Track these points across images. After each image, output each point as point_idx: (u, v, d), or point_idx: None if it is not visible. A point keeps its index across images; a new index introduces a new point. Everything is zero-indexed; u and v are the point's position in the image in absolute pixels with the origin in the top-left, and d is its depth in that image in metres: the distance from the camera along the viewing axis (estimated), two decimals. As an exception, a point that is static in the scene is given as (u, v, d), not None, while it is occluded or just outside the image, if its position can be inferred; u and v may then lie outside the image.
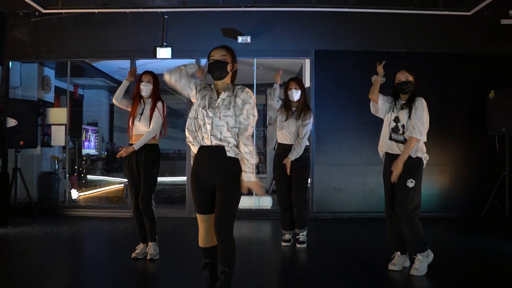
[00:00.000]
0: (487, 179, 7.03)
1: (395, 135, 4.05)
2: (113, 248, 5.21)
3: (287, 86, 5.08)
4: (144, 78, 4.49)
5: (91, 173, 10.20)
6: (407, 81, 4.03)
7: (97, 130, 10.92)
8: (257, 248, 5.21)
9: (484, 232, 5.87)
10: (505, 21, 7.17)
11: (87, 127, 10.36)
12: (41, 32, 7.26)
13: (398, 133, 4.03)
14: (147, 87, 4.46)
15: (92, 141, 10.47)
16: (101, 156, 10.94)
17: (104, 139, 11.63)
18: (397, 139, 4.04)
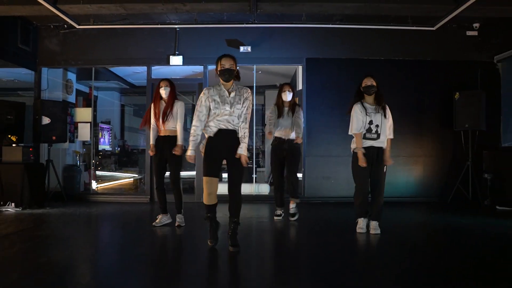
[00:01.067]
0: (454, 168, 8.15)
1: (369, 135, 5.16)
2: (137, 222, 6.31)
3: (281, 89, 6.23)
4: (162, 84, 5.58)
5: (106, 167, 11.25)
6: (372, 85, 5.17)
7: (111, 128, 11.98)
8: (257, 224, 6.27)
9: (451, 213, 6.86)
10: (470, 33, 8.29)
11: (102, 125, 11.42)
12: (69, 42, 8.35)
13: (372, 132, 5.15)
14: (166, 90, 5.55)
15: (106, 138, 11.53)
16: (115, 151, 12.00)
17: (116, 136, 12.69)
18: (371, 138, 5.16)
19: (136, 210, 7.18)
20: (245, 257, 4.21)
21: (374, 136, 5.14)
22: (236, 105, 4.26)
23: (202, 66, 8.33)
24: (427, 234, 5.54)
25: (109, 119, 12.35)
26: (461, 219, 6.36)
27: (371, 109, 5.18)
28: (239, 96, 4.30)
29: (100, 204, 7.86)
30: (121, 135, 13.10)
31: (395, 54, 8.28)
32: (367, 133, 5.15)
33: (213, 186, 4.26)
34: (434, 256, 4.30)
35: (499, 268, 3.87)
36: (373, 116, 5.13)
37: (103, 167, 11.04)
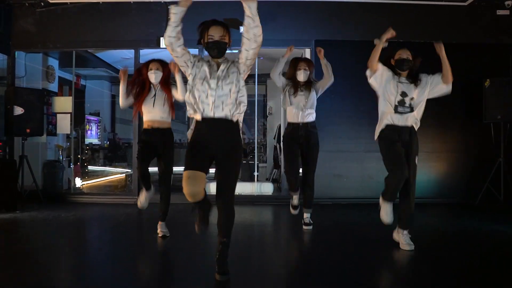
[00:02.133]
0: (482, 165, 7.21)
1: (402, 108, 4.19)
2: (119, 230, 5.40)
3: (296, 65, 5.16)
4: (152, 66, 4.59)
5: (94, 163, 10.36)
6: (408, 60, 4.24)
7: (100, 120, 11.06)
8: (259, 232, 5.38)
9: (480, 217, 6.04)
10: (501, 12, 7.34)
11: (89, 117, 10.51)
12: (46, 22, 7.39)
13: (405, 105, 4.18)
14: (157, 74, 4.56)
15: (94, 131, 10.62)
16: (104, 145, 11.10)
17: (106, 129, 11.78)
18: (404, 112, 4.18)
19: (120, 214, 6.27)
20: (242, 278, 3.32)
21: (408, 110, 4.18)
22: (225, 81, 3.15)
23: (197, 49, 7.36)
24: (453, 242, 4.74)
25: (98, 111, 11.42)
26: (491, 224, 5.53)
27: (404, 80, 4.26)
28: (229, 68, 3.22)
29: (81, 206, 6.94)
30: (111, 127, 12.16)
31: (416, 36, 7.28)
32: (399, 107, 4.18)
33: (196, 182, 3.03)
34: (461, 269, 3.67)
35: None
36: (406, 87, 4.21)
37: (90, 163, 10.13)
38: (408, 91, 4.21)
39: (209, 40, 3.21)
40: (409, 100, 4.19)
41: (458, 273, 3.56)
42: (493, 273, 3.60)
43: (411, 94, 4.21)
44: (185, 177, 3.04)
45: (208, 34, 3.22)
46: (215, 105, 3.12)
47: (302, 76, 5.11)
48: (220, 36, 3.21)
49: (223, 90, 3.13)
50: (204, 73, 3.17)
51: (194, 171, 3.05)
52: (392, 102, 4.20)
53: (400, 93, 4.19)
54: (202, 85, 3.14)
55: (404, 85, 4.22)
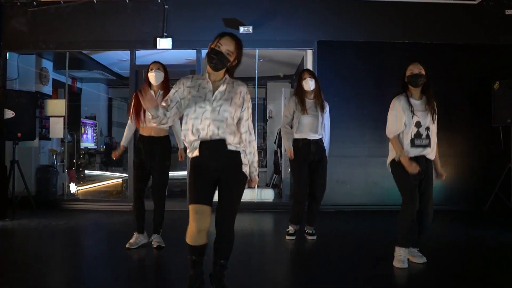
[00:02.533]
0: (491, 171, 6.99)
1: (419, 141, 3.83)
2: (113, 240, 5.14)
3: (301, 77, 4.95)
4: (153, 66, 4.38)
5: (90, 167, 10.12)
6: (421, 74, 3.87)
7: (96, 124, 10.82)
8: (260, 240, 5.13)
9: (489, 225, 5.83)
10: (510, 12, 7.14)
11: (85, 120, 10.27)
12: (39, 22, 7.18)
13: (421, 138, 3.83)
14: (157, 74, 4.32)
15: (90, 135, 10.38)
16: (100, 150, 10.86)
17: (103, 133, 11.55)
18: (421, 144, 3.84)
19: (115, 223, 6.04)
20: None
21: (426, 142, 3.83)
22: (224, 105, 2.86)
23: (195, 50, 7.15)
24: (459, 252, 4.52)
25: (94, 114, 11.19)
26: (500, 233, 5.30)
27: (419, 107, 3.88)
28: (231, 92, 2.92)
29: (74, 213, 6.69)
30: (108, 131, 11.92)
31: (421, 36, 7.15)
32: (415, 139, 3.83)
33: (204, 218, 2.83)
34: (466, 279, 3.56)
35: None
36: (421, 116, 3.84)
37: (86, 167, 9.88)
38: (423, 119, 3.85)
39: (215, 47, 2.88)
40: (425, 131, 3.84)
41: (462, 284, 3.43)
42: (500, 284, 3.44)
43: (426, 123, 3.85)
44: (192, 211, 2.84)
45: (218, 42, 2.89)
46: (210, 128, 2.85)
47: (308, 83, 4.87)
48: (227, 49, 2.87)
49: (219, 114, 2.86)
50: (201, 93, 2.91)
51: (200, 205, 2.83)
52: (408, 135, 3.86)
53: (415, 123, 3.84)
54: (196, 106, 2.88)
55: (419, 113, 3.85)
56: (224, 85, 2.91)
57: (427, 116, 3.85)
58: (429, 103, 3.91)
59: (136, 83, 7.14)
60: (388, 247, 4.07)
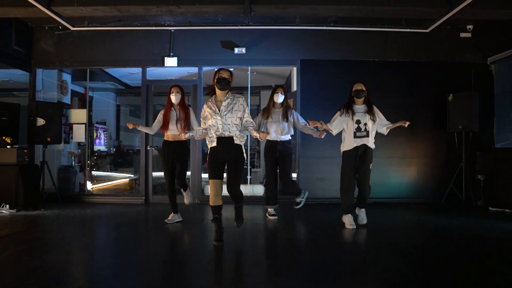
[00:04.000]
0: (447, 169, 8.18)
1: (360, 133, 5.61)
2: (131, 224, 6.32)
3: (274, 91, 6.38)
4: (173, 89, 5.95)
5: (102, 168, 11.27)
6: (362, 90, 5.64)
7: (106, 129, 11.98)
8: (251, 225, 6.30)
9: (445, 214, 6.93)
10: (464, 35, 8.32)
11: (97, 125, 11.42)
12: (64, 44, 8.36)
13: (361, 131, 5.62)
14: (177, 96, 5.92)
15: (102, 138, 11.54)
16: (110, 152, 12.01)
17: (112, 137, 12.70)
18: (362, 135, 5.62)
19: (131, 212, 7.19)
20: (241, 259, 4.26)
21: (364, 133, 5.59)
22: (229, 114, 4.62)
23: (197, 67, 8.33)
24: (419, 236, 5.58)
25: (104, 120, 12.35)
26: (453, 220, 6.39)
27: (360, 110, 5.66)
28: (232, 104, 4.66)
29: (94, 205, 7.87)
30: (116, 135, 13.09)
31: (389, 55, 8.32)
32: (357, 132, 5.60)
33: (218, 187, 4.66)
34: (424, 258, 4.37)
35: (488, 271, 3.91)
36: (360, 116, 5.60)
37: (99, 168, 11.05)
38: (362, 118, 5.60)
39: (220, 76, 4.64)
40: (364, 126, 5.60)
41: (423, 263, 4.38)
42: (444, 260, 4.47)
43: (364, 121, 5.59)
44: (211, 184, 4.66)
45: (219, 73, 4.67)
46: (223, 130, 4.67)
47: (278, 97, 6.34)
48: (227, 75, 4.67)
49: (226, 121, 4.63)
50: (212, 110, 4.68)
51: (216, 179, 4.66)
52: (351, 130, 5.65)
53: (355, 121, 5.60)
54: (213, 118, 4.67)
55: (360, 114, 5.63)
56: (227, 100, 4.67)
57: (365, 116, 5.60)
58: (369, 109, 5.66)
59: (147, 94, 8.33)
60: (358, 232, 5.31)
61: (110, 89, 12.19)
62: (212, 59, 8.26)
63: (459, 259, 4.31)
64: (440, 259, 4.29)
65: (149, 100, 8.37)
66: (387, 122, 5.75)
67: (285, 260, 4.35)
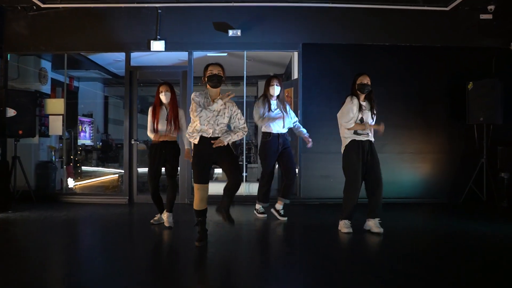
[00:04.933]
0: (466, 166, 7.39)
1: (360, 131, 5.06)
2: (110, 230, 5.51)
3: (269, 82, 5.81)
4: (162, 88, 5.38)
5: (87, 163, 10.46)
6: (368, 84, 5.00)
7: (92, 121, 11.16)
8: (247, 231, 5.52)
9: (464, 216, 6.18)
10: (484, 16, 7.49)
11: (82, 118, 10.59)
12: (38, 26, 7.50)
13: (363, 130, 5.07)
14: (167, 95, 5.36)
15: (87, 132, 10.72)
16: (97, 146, 11.20)
17: (99, 130, 11.88)
18: (362, 133, 5.08)
19: (111, 214, 6.39)
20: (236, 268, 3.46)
21: (366, 132, 5.08)
22: (219, 118, 4.29)
23: (187, 52, 7.49)
24: (434, 240, 4.92)
25: (91, 112, 11.52)
26: (473, 224, 5.66)
27: (363, 107, 5.10)
28: (223, 108, 4.30)
29: (72, 206, 7.04)
30: (104, 128, 12.25)
31: (400, 39, 7.51)
32: (358, 130, 5.07)
33: (205, 192, 4.33)
34: (439, 266, 3.79)
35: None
36: (364, 114, 5.06)
37: (83, 163, 10.23)
38: (365, 116, 5.04)
39: (210, 73, 4.24)
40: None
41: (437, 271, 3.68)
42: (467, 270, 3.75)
43: (367, 119, 5.05)
44: (197, 188, 4.28)
45: (208, 70, 4.27)
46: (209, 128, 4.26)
47: (274, 90, 5.79)
48: (218, 71, 4.25)
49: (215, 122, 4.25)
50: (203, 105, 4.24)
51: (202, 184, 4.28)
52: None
53: (359, 119, 5.02)
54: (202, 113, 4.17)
55: (364, 111, 5.05)
56: (218, 102, 4.22)
57: (368, 113, 5.06)
58: (371, 106, 5.10)
59: (131, 83, 7.50)
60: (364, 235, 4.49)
61: (97, 78, 11.34)
62: (203, 42, 7.42)
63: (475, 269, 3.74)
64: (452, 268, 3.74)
65: (133, 88, 7.53)
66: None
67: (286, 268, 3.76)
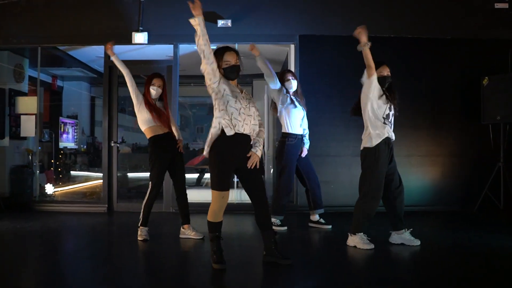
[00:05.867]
0: (481, 170, 6.76)
1: (388, 122, 4.29)
2: (80, 243, 4.87)
3: (283, 77, 5.31)
4: (156, 82, 4.79)
5: (69, 168, 9.84)
6: (388, 76, 4.32)
7: (76, 123, 10.51)
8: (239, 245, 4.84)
9: (478, 227, 5.56)
10: (499, 5, 6.89)
11: (64, 120, 9.96)
12: (9, 16, 6.90)
13: (389, 120, 4.31)
14: (158, 91, 4.78)
15: (70, 134, 10.08)
16: (81, 150, 10.57)
17: (85, 132, 11.26)
18: (390, 125, 4.32)
19: (87, 225, 5.79)
20: None
21: (391, 124, 4.35)
22: (251, 106, 3.60)
23: (172, 45, 6.86)
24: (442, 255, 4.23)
25: (76, 113, 10.90)
26: (488, 234, 5.03)
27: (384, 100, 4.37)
28: (248, 97, 3.65)
29: (44, 216, 6.36)
30: (90, 130, 11.62)
31: (407, 30, 6.89)
32: (386, 119, 4.28)
33: (226, 201, 3.56)
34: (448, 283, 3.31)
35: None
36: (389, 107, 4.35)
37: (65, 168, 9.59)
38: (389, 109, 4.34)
39: (227, 65, 3.55)
40: (392, 116, 4.36)
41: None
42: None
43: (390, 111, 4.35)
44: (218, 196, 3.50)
45: (224, 60, 3.55)
46: (244, 123, 3.51)
47: (291, 84, 5.31)
48: (235, 60, 3.58)
49: (250, 110, 3.56)
50: (235, 93, 3.53)
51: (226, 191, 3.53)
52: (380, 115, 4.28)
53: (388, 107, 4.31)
54: (235, 103, 3.49)
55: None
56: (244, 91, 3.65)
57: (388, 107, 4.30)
58: (392, 99, 4.35)
59: (110, 79, 6.87)
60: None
61: (82, 78, 10.71)
62: (190, 34, 6.66)
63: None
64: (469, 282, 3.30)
65: (112, 85, 6.89)
66: None
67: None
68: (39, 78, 7.61)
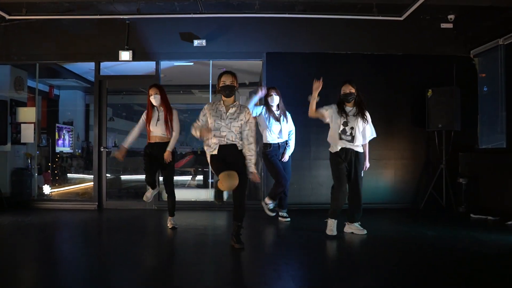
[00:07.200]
0: (427, 172, 7.54)
1: (344, 136, 5.16)
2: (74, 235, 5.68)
3: (268, 92, 6.21)
4: (152, 91, 5.53)
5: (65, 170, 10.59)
6: (351, 93, 5.21)
7: (72, 129, 11.30)
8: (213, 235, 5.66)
9: (421, 222, 6.28)
10: (445, 25, 7.63)
11: (61, 125, 10.74)
12: (11, 36, 7.65)
13: (346, 134, 5.16)
14: (156, 98, 5.49)
15: (66, 139, 10.86)
16: (76, 154, 11.33)
17: (80, 138, 12.03)
18: (346, 139, 5.17)
19: (78, 220, 6.55)
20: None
21: (349, 138, 5.16)
22: (233, 122, 4.39)
23: (154, 62, 7.66)
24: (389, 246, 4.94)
25: (71, 120, 11.68)
26: (428, 229, 5.69)
27: (350, 112, 5.24)
28: (239, 113, 4.42)
29: (41, 212, 7.18)
30: (85, 136, 12.41)
31: (363, 47, 7.65)
32: (342, 134, 5.18)
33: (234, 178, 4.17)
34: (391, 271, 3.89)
35: None
36: (349, 119, 5.17)
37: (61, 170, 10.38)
38: (351, 121, 5.16)
39: (223, 84, 4.40)
40: (350, 130, 5.14)
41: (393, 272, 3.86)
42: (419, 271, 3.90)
43: (352, 124, 5.15)
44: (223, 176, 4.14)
45: (221, 80, 4.42)
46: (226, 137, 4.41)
47: (273, 99, 6.25)
48: (230, 81, 4.40)
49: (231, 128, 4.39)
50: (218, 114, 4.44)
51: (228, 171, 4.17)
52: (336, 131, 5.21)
53: (342, 122, 5.16)
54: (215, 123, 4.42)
55: (349, 117, 5.20)
56: (233, 108, 4.45)
57: (354, 120, 5.16)
58: (360, 112, 5.23)
59: (100, 92, 7.67)
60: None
61: (77, 87, 11.51)
62: (171, 52, 7.60)
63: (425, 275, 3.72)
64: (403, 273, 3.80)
65: (102, 98, 7.69)
66: (368, 138, 5.37)
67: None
68: (37, 89, 8.35)
